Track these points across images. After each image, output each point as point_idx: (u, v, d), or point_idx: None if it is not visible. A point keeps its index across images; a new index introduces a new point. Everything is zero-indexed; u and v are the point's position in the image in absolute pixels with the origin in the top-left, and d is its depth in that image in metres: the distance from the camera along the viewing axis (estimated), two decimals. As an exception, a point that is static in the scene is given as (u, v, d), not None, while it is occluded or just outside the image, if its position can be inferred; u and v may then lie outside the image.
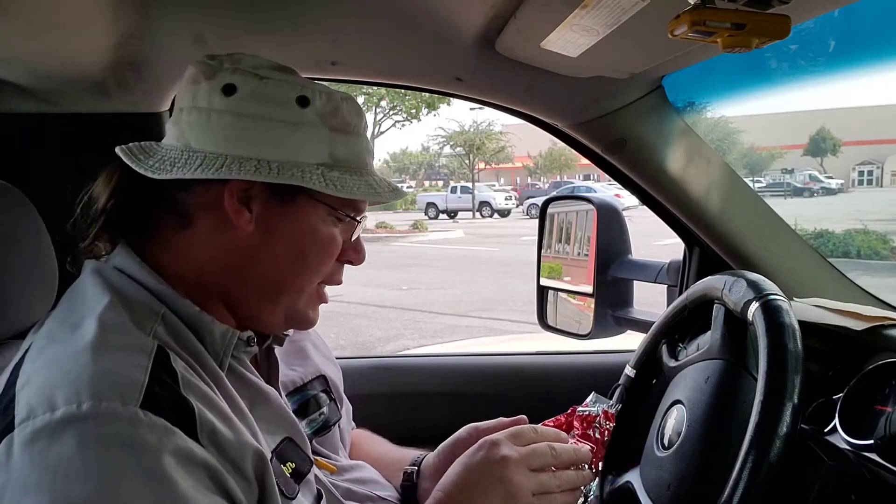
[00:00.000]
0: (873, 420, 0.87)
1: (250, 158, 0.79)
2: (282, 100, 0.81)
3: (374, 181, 0.86)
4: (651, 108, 1.30)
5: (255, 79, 0.80)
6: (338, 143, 0.84)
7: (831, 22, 0.93)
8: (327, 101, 0.83)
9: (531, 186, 35.27)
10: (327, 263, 0.87)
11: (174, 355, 0.72)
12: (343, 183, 0.82)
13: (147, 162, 0.80)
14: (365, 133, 0.90)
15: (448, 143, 29.66)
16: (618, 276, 1.58)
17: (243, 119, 0.80)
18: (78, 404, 0.63)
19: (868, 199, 23.78)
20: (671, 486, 0.93)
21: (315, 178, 0.80)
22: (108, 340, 0.69)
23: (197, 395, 0.70)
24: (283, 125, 0.81)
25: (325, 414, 0.99)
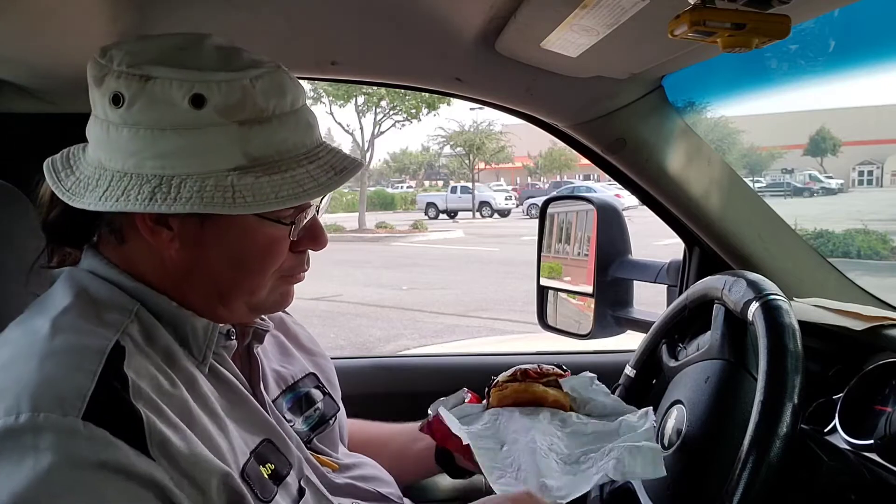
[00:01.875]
0: (873, 420, 0.87)
1: (153, 176, 0.71)
2: (172, 102, 0.71)
3: (308, 172, 0.76)
4: (651, 108, 1.30)
5: (140, 82, 0.71)
6: (252, 137, 0.73)
7: (831, 22, 0.93)
8: (228, 93, 0.72)
9: (531, 186, 35.27)
10: (274, 265, 0.81)
11: (138, 355, 0.70)
12: (258, 190, 0.72)
13: (67, 182, 0.76)
14: (296, 109, 0.78)
15: (448, 143, 29.66)
16: (618, 276, 1.58)
17: (138, 130, 0.72)
18: (16, 415, 0.61)
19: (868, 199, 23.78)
20: (671, 487, 0.93)
21: (219, 194, 0.70)
22: (57, 344, 0.67)
23: (148, 403, 0.67)
24: (180, 132, 0.71)
25: (320, 409, 0.98)
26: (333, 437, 0.99)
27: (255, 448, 0.78)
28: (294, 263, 0.84)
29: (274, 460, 0.79)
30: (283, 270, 0.83)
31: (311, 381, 1.00)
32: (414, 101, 19.85)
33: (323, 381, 1.02)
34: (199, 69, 0.72)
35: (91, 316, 0.72)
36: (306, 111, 0.80)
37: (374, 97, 20.16)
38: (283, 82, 0.76)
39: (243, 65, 0.74)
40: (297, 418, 0.93)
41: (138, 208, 0.70)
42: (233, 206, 0.71)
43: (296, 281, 0.87)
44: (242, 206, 0.71)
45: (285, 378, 0.96)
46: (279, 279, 0.83)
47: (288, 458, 0.82)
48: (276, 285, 0.84)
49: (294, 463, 0.82)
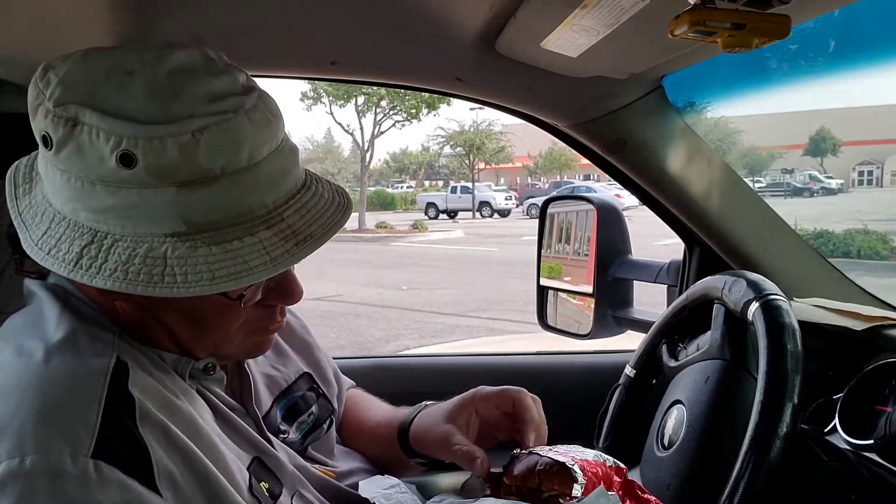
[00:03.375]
0: (873, 420, 0.87)
1: (88, 230, 0.64)
2: (100, 156, 0.61)
3: (259, 242, 0.64)
4: (651, 108, 1.30)
5: (67, 127, 0.61)
6: (192, 200, 0.62)
7: (831, 22, 0.93)
8: (162, 152, 0.60)
9: (531, 186, 35.27)
10: (232, 325, 0.73)
11: (137, 370, 0.67)
12: (192, 268, 0.62)
13: (22, 203, 0.70)
14: (257, 162, 0.65)
15: (448, 143, 29.67)
16: (618, 276, 1.58)
17: (69, 178, 0.63)
18: (21, 458, 0.57)
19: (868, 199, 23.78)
20: (671, 486, 0.93)
21: (146, 269, 0.62)
22: (56, 368, 0.63)
23: (155, 428, 0.64)
24: (110, 189, 0.62)
25: (314, 413, 0.94)
26: (329, 443, 0.97)
27: (249, 466, 0.76)
28: (262, 316, 0.76)
29: (266, 478, 0.77)
30: (251, 325, 0.75)
31: (305, 383, 0.96)
32: (414, 101, 19.86)
33: (318, 381, 0.98)
34: (131, 118, 0.61)
35: (85, 334, 0.68)
36: (276, 159, 0.67)
37: (374, 97, 20.17)
38: (238, 132, 0.63)
39: (190, 108, 0.62)
40: (290, 427, 0.90)
41: (61, 271, 0.64)
42: (159, 287, 0.62)
43: (272, 332, 0.80)
44: (171, 286, 0.62)
45: (278, 383, 0.92)
46: (249, 333, 0.76)
47: (279, 476, 0.79)
48: (247, 337, 0.77)
49: (286, 481, 0.80)
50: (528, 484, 0.81)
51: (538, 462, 0.81)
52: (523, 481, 0.81)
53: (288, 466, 0.81)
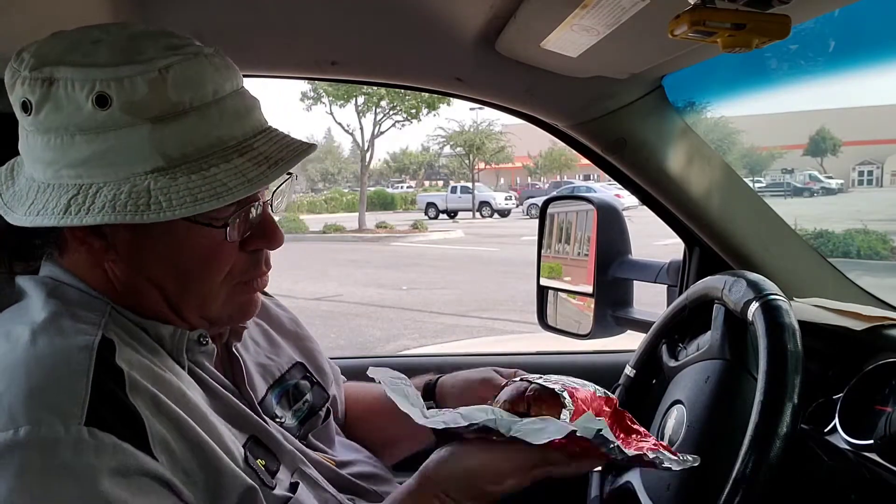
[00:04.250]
0: (873, 420, 0.87)
1: (72, 186, 0.68)
2: (77, 105, 0.66)
3: (235, 167, 0.69)
4: (651, 108, 1.30)
5: (44, 86, 0.67)
6: (168, 135, 0.67)
7: (831, 22, 0.93)
8: (133, 89, 0.66)
9: (531, 186, 35.28)
10: (217, 270, 0.76)
11: (124, 346, 0.68)
12: (175, 193, 0.66)
13: (6, 194, 0.74)
14: (221, 97, 0.71)
15: (448, 143, 29.67)
16: (618, 276, 1.58)
17: (49, 138, 0.68)
18: (15, 429, 0.59)
19: (868, 199, 23.78)
20: (671, 486, 0.93)
21: (132, 202, 0.65)
22: (42, 347, 0.65)
23: (145, 397, 0.66)
24: (89, 137, 0.67)
25: (309, 401, 0.95)
26: (329, 432, 0.98)
27: (245, 443, 0.78)
28: (247, 266, 0.78)
29: (262, 455, 0.79)
30: (236, 275, 0.77)
31: (298, 372, 0.97)
32: (414, 101, 19.86)
33: (311, 370, 0.99)
34: (102, 65, 0.66)
35: (69, 316, 0.70)
36: (237, 98, 0.73)
37: (374, 97, 20.18)
38: (200, 70, 0.69)
39: (153, 54, 0.68)
40: (286, 413, 0.91)
41: (53, 222, 0.67)
42: (146, 214, 0.66)
43: (256, 289, 0.81)
44: (157, 212, 0.66)
45: (272, 371, 0.93)
46: (235, 287, 0.78)
47: (276, 454, 0.81)
48: (233, 294, 0.78)
49: (283, 459, 0.81)
50: (516, 408, 0.82)
51: (527, 388, 0.83)
52: (512, 406, 0.82)
53: (286, 445, 0.83)
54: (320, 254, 12.99)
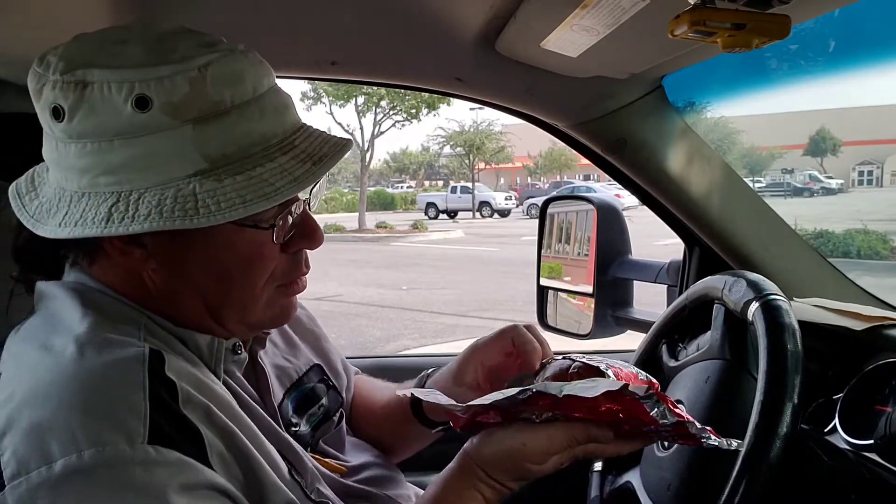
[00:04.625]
0: (873, 420, 0.87)
1: (110, 194, 0.65)
2: (115, 108, 0.63)
3: (280, 166, 0.67)
4: (651, 108, 1.30)
5: (77, 90, 0.64)
6: (209, 136, 0.65)
7: (831, 22, 0.93)
8: (173, 89, 0.63)
9: (531, 186, 35.28)
10: (262, 273, 0.74)
11: (170, 356, 0.66)
12: (223, 196, 0.64)
13: (31, 206, 0.71)
14: (260, 94, 0.69)
15: (448, 143, 29.68)
16: (618, 276, 1.58)
17: (85, 144, 0.65)
18: (78, 453, 0.56)
19: (868, 199, 23.78)
20: (671, 486, 0.93)
21: (179, 206, 0.63)
22: (91, 361, 0.62)
23: (198, 409, 0.64)
24: (128, 141, 0.64)
25: (324, 405, 0.94)
26: (340, 436, 0.96)
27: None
28: (289, 267, 0.77)
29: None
30: (278, 278, 0.76)
31: (315, 375, 0.95)
32: (414, 101, 19.86)
33: (328, 373, 0.97)
34: (139, 66, 0.64)
35: (111, 325, 0.67)
36: (275, 94, 0.71)
37: (374, 97, 20.17)
38: (238, 67, 0.67)
39: (189, 52, 0.66)
40: (301, 419, 0.89)
41: (95, 232, 0.64)
42: (196, 219, 0.63)
43: (296, 291, 0.80)
44: (207, 216, 0.63)
45: (289, 374, 0.91)
46: (276, 290, 0.76)
47: (300, 470, 0.79)
48: (274, 297, 0.76)
49: (306, 476, 0.80)
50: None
51: (571, 366, 0.82)
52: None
53: (306, 461, 0.81)
54: (320, 253, 12.90)
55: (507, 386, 0.83)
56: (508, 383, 0.85)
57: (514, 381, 0.85)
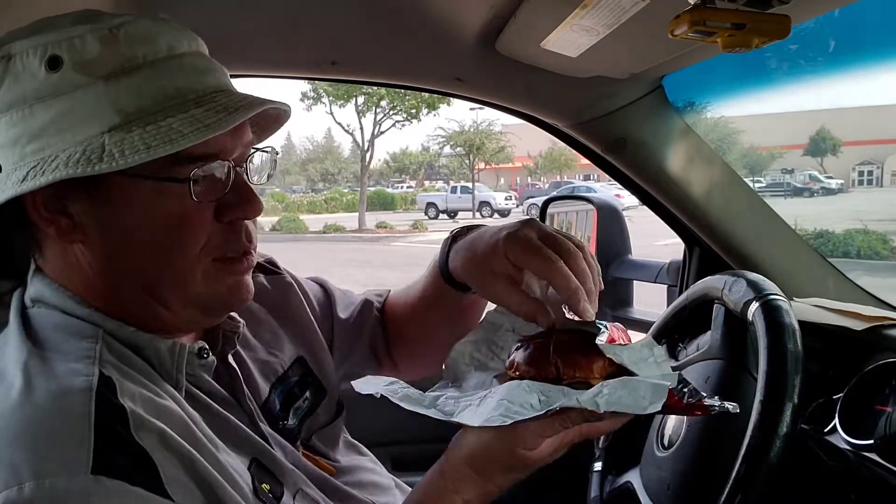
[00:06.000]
0: (873, 420, 0.87)
1: (36, 161, 0.65)
2: (32, 73, 0.65)
3: (193, 116, 0.66)
4: (651, 108, 1.30)
5: (2, 63, 0.66)
6: (122, 91, 0.65)
7: (831, 22, 0.93)
8: (84, 47, 0.65)
9: (531, 186, 35.28)
10: (190, 239, 0.70)
11: (123, 381, 0.64)
12: (129, 144, 0.63)
13: None
14: (177, 54, 0.69)
15: (448, 143, 29.68)
16: (618, 276, 1.58)
17: (11, 115, 0.66)
18: (19, 486, 0.55)
19: (868, 199, 23.78)
20: (671, 486, 0.93)
21: (85, 158, 0.63)
22: (38, 393, 0.61)
23: (152, 434, 0.62)
24: (46, 103, 0.65)
25: (308, 399, 0.91)
26: (334, 432, 0.94)
27: (249, 467, 0.74)
28: (225, 237, 0.73)
29: (267, 479, 0.75)
30: (213, 249, 0.72)
31: (298, 369, 0.92)
32: (414, 101, 19.87)
33: (311, 365, 0.94)
34: (54, 29, 0.66)
35: (62, 352, 0.66)
36: (197, 58, 0.71)
37: (374, 97, 20.19)
38: (154, 29, 0.68)
39: (106, 18, 0.68)
40: (288, 413, 0.87)
41: (10, 191, 0.65)
42: (98, 165, 0.63)
43: (242, 268, 0.75)
44: (109, 162, 0.63)
45: (274, 369, 0.89)
46: (215, 264, 0.72)
47: (278, 476, 0.77)
48: (215, 273, 0.72)
49: (286, 481, 0.77)
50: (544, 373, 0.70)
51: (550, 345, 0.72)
52: (538, 371, 0.71)
53: (286, 465, 0.79)
54: (320, 254, 12.98)
55: (515, 349, 0.75)
56: (516, 346, 0.75)
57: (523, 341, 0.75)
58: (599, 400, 0.64)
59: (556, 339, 0.72)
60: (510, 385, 0.69)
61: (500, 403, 0.67)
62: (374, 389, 0.76)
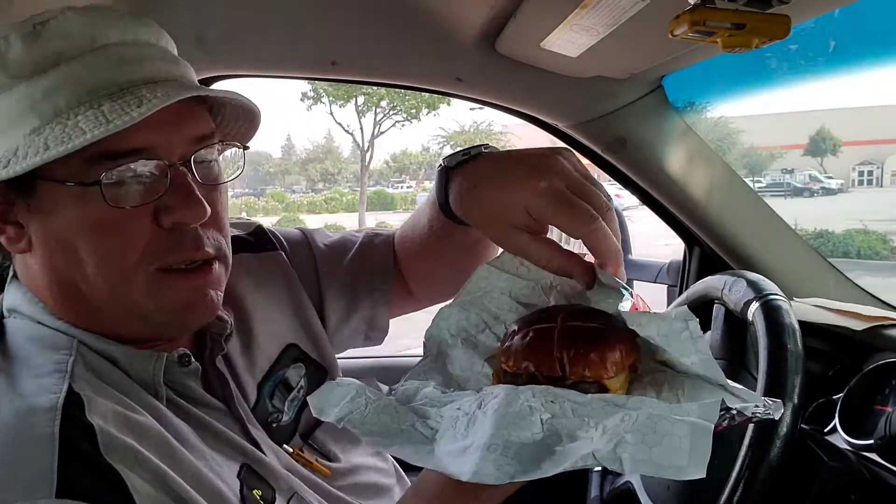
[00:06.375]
0: (873, 420, 0.87)
1: None
2: None
3: (102, 112, 0.60)
4: (651, 108, 1.30)
5: None
6: (41, 92, 0.62)
7: (832, 22, 0.93)
8: (7, 49, 0.63)
9: (531, 186, 35.19)
10: (131, 246, 0.65)
11: (95, 397, 0.61)
12: (32, 146, 0.60)
13: None
14: (99, 47, 0.64)
15: (448, 143, 29.66)
16: (618, 276, 1.58)
17: None
18: None
19: (868, 199, 23.76)
20: (671, 486, 0.93)
21: (2, 163, 0.61)
22: (4, 413, 0.59)
23: (123, 453, 0.59)
24: None
25: (304, 387, 0.87)
26: (334, 429, 0.86)
27: (239, 474, 0.71)
28: (168, 245, 0.66)
29: (258, 485, 0.72)
30: (156, 257, 0.66)
31: (290, 356, 0.87)
32: (414, 101, 19.85)
33: (305, 348, 0.88)
34: None
35: (31, 366, 0.63)
36: (130, 47, 0.66)
37: (374, 97, 20.17)
38: (82, 20, 0.64)
39: (40, 14, 0.64)
40: (282, 408, 0.84)
41: None
42: (2, 171, 0.60)
43: (196, 282, 0.68)
44: (13, 165, 0.60)
45: (260, 365, 0.84)
46: (159, 275, 0.66)
47: (269, 481, 0.73)
48: (158, 283, 0.66)
49: (278, 486, 0.74)
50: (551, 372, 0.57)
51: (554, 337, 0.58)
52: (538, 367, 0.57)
53: (279, 469, 0.76)
54: (320, 254, 12.91)
55: (511, 333, 0.61)
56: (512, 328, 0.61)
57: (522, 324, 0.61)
58: (622, 454, 0.49)
59: (563, 326, 0.58)
60: (505, 401, 0.53)
61: (494, 441, 0.51)
62: (334, 414, 0.58)
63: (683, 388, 0.55)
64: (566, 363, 0.56)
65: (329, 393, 0.60)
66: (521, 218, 0.66)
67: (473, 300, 0.70)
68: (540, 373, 0.56)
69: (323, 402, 0.59)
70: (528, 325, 0.60)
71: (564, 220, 0.64)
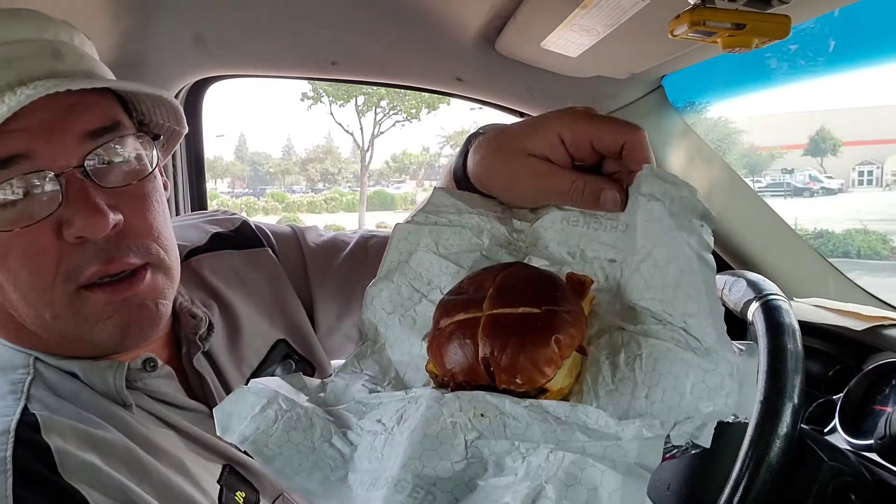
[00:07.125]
0: (873, 420, 0.87)
1: None
2: None
3: None
4: (651, 108, 1.30)
5: None
6: None
7: (831, 22, 0.93)
8: None
9: (531, 186, 35.19)
10: (34, 268, 0.61)
11: (52, 415, 0.59)
12: None
13: None
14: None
15: (448, 143, 29.67)
16: (618, 276, 1.58)
17: None
18: None
19: (868, 199, 23.77)
20: (671, 486, 0.93)
21: None
22: None
23: (82, 472, 0.57)
24: None
25: None
26: None
27: (220, 477, 0.69)
28: (78, 260, 0.61)
29: (241, 487, 0.70)
30: (72, 275, 0.61)
31: (279, 353, 0.84)
32: (414, 101, 19.85)
33: (295, 345, 0.86)
34: None
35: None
36: (15, 46, 0.61)
37: (374, 97, 20.16)
38: None
39: None
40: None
41: None
42: None
43: (123, 291, 0.63)
44: None
45: (249, 361, 0.81)
46: (83, 291, 0.62)
47: (253, 483, 0.71)
48: (82, 303, 0.62)
49: (262, 487, 0.72)
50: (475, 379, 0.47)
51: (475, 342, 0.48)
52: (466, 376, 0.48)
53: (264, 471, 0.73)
54: (320, 254, 12.92)
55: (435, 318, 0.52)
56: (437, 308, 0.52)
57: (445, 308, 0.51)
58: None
59: (487, 316, 0.47)
60: (424, 419, 0.45)
61: (403, 476, 0.42)
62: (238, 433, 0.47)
63: (641, 361, 0.47)
64: (493, 370, 0.46)
65: (238, 403, 0.49)
66: (544, 146, 0.60)
67: (399, 267, 0.60)
68: (467, 382, 0.47)
69: (229, 416, 0.49)
70: (450, 312, 0.49)
71: (607, 130, 0.58)
